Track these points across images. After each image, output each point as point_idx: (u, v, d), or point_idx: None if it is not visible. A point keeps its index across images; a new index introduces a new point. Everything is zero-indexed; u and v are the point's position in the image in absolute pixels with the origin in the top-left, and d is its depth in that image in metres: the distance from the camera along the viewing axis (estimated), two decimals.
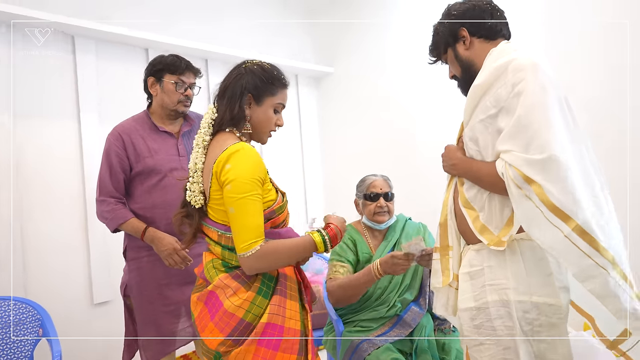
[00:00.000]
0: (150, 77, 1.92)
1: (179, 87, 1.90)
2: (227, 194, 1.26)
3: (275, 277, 1.36)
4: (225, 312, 1.27)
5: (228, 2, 3.56)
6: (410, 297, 2.01)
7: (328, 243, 1.35)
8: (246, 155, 1.29)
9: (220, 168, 1.28)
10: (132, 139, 1.86)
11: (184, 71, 1.91)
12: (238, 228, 1.26)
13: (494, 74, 1.26)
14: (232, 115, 1.36)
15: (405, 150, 3.53)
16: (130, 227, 1.84)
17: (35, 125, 2.54)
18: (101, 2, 2.86)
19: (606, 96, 2.48)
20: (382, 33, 3.68)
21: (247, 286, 1.31)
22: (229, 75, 1.42)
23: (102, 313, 2.69)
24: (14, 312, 2.05)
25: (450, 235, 1.40)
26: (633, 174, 2.32)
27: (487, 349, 1.29)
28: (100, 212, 1.89)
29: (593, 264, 1.11)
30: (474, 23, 1.38)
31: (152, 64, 1.93)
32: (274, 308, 1.29)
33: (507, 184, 1.19)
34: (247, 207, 1.25)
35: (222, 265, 1.35)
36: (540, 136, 1.15)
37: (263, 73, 1.39)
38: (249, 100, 1.38)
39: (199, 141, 1.39)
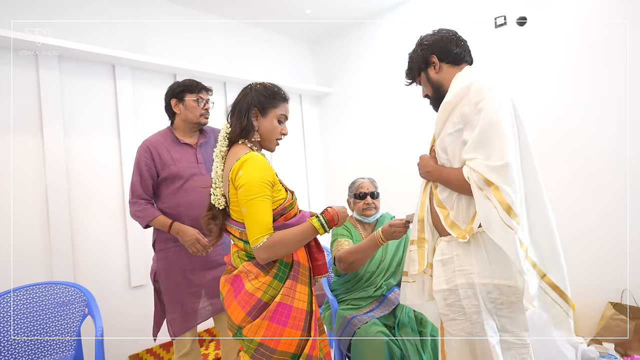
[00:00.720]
0: (172, 99, 1.95)
1: (200, 103, 1.94)
2: (240, 196, 1.28)
3: (290, 264, 1.36)
4: (246, 292, 1.30)
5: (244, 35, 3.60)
6: (394, 282, 2.03)
7: (325, 225, 1.35)
8: (254, 163, 1.30)
9: (234, 175, 1.30)
10: (158, 151, 1.90)
11: (201, 90, 1.96)
12: (249, 224, 1.29)
13: (459, 94, 1.28)
14: (241, 128, 1.38)
15: (392, 157, 3.55)
16: (158, 222, 1.86)
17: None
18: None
19: (606, 96, 2.39)
20: (373, 58, 3.71)
21: (266, 272, 1.32)
22: (238, 95, 1.44)
23: (138, 295, 2.72)
24: (63, 293, 2.07)
25: (426, 230, 1.41)
26: (633, 171, 2.28)
27: (458, 323, 1.31)
28: (133, 212, 1.90)
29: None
30: (443, 50, 1.40)
31: (172, 88, 1.96)
32: (286, 290, 1.31)
33: (472, 187, 1.21)
34: (256, 206, 1.27)
35: (246, 255, 1.37)
36: (498, 146, 1.18)
37: (265, 90, 1.41)
38: (256, 113, 1.40)
39: (217, 152, 1.41)
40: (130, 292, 2.70)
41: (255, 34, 3.69)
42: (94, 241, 2.57)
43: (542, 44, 2.68)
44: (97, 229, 2.59)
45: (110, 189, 2.67)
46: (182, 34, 3.16)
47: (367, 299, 1.97)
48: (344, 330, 1.87)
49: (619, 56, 2.38)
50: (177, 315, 1.88)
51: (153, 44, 2.96)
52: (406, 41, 3.38)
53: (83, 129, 2.58)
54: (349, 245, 1.97)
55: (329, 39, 4.06)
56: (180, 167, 1.90)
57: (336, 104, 4.06)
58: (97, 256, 2.57)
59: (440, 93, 1.40)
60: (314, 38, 4.13)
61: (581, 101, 2.54)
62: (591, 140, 2.50)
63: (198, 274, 1.91)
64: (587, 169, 2.52)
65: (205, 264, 1.92)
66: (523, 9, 2.74)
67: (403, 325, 1.87)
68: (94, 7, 2.71)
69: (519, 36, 2.77)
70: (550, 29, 2.65)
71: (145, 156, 1.89)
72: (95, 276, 2.54)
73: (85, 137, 2.59)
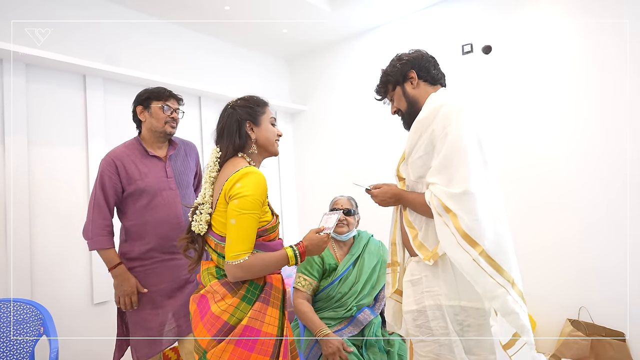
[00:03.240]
0: (138, 106, 1.82)
1: (165, 110, 1.80)
2: (232, 207, 1.22)
3: (261, 286, 1.29)
4: (212, 314, 1.22)
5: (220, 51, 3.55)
6: (366, 303, 1.98)
7: (298, 257, 1.31)
8: (255, 179, 1.25)
9: (231, 185, 1.24)
10: (124, 164, 1.75)
11: (168, 98, 1.84)
12: (234, 238, 1.22)
13: (432, 114, 1.27)
14: (234, 146, 1.34)
15: (365, 174, 3.54)
16: (105, 255, 1.72)
17: None
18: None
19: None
20: (347, 79, 3.73)
21: (234, 293, 1.25)
22: (221, 118, 1.39)
23: (100, 312, 2.55)
24: (17, 312, 1.91)
25: (398, 252, 1.39)
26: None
27: (427, 344, 1.28)
28: (86, 231, 1.74)
29: (494, 283, 1.11)
30: (422, 68, 1.40)
31: (138, 96, 1.84)
32: (255, 313, 1.23)
33: (433, 212, 1.19)
34: (246, 222, 1.22)
35: (216, 272, 1.30)
36: (460, 173, 1.16)
37: (248, 102, 1.39)
38: (250, 126, 1.36)
39: (207, 178, 1.35)
40: (93, 309, 2.53)
41: (232, 50, 3.66)
42: (54, 255, 2.40)
43: (506, 70, 2.77)
44: (59, 242, 2.43)
45: (75, 201, 2.51)
46: (158, 48, 3.08)
47: (336, 319, 1.92)
48: (312, 349, 1.81)
49: (580, 80, 2.47)
50: (142, 339, 1.73)
51: (127, 56, 2.87)
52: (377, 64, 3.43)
53: (49, 139, 2.44)
54: (305, 287, 1.94)
55: (305, 58, 4.07)
56: (148, 182, 1.75)
57: (310, 122, 4.05)
58: (57, 271, 2.40)
59: (415, 109, 1.38)
60: (290, 57, 4.13)
61: (542, 126, 2.62)
62: (551, 161, 2.58)
63: (164, 296, 1.76)
64: (545, 188, 2.59)
65: (172, 285, 1.78)
66: (489, 37, 2.83)
67: (371, 345, 1.83)
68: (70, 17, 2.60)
69: (485, 63, 2.86)
70: (514, 56, 2.74)
71: (110, 170, 1.73)
72: (55, 292, 2.37)
73: (50, 148, 2.45)
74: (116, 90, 2.77)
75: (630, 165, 2.29)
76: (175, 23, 3.19)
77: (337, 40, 3.76)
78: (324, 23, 3.36)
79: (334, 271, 1.98)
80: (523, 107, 2.69)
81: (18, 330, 1.89)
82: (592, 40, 2.43)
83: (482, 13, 2.88)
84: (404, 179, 1.39)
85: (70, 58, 2.43)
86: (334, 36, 3.67)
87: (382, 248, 2.12)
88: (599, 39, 2.41)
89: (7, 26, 2.33)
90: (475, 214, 1.13)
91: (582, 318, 2.45)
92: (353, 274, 1.98)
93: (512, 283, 1.14)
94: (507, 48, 2.76)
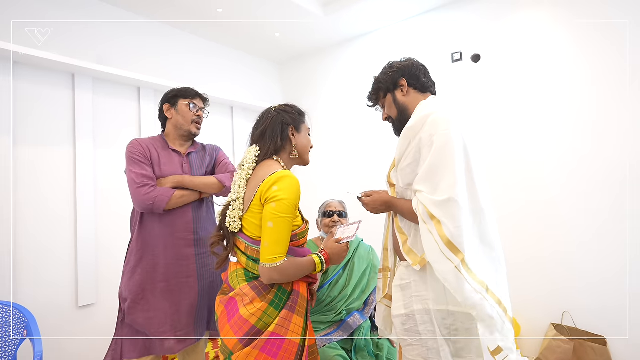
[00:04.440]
0: (165, 104, 1.83)
1: (192, 108, 1.82)
2: (270, 209, 1.22)
3: (288, 292, 1.29)
4: (240, 317, 1.23)
5: (212, 53, 3.53)
6: (356, 307, 1.98)
7: (324, 264, 1.33)
8: (292, 183, 1.27)
9: (267, 187, 1.25)
10: (149, 148, 1.75)
11: (195, 96, 1.85)
12: (271, 241, 1.22)
13: (421, 121, 1.28)
14: (276, 148, 1.37)
15: (359, 178, 3.55)
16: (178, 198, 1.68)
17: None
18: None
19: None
20: (337, 82, 3.74)
21: (262, 297, 1.25)
22: (263, 120, 1.41)
23: (85, 315, 2.48)
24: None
25: (390, 258, 1.39)
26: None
27: (415, 348, 1.28)
28: (147, 194, 1.63)
29: (471, 289, 1.12)
30: (412, 76, 1.41)
31: (166, 94, 1.85)
32: (281, 321, 1.23)
33: (419, 219, 1.20)
34: (283, 226, 1.23)
35: (245, 275, 1.31)
36: (445, 181, 1.17)
37: (293, 109, 1.44)
38: (292, 131, 1.40)
39: (243, 175, 1.36)
40: (77, 312, 2.46)
41: (224, 52, 3.63)
42: (40, 257, 2.34)
43: (495, 79, 2.80)
44: (45, 244, 2.37)
45: (62, 200, 2.46)
46: (149, 49, 3.04)
47: (326, 322, 1.91)
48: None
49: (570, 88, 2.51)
50: (134, 345, 1.64)
51: (118, 56, 2.82)
52: (367, 70, 3.46)
53: (36, 137, 2.38)
54: None
55: (296, 61, 4.07)
56: (164, 170, 1.73)
57: None
58: (42, 273, 2.34)
59: (405, 116, 1.39)
60: (282, 60, 4.13)
61: (531, 134, 2.66)
62: (538, 169, 2.61)
63: (172, 295, 1.68)
64: (532, 197, 2.62)
65: (182, 286, 1.69)
66: (478, 46, 2.87)
67: (360, 349, 1.82)
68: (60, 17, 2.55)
69: (474, 71, 2.89)
70: (503, 65, 2.77)
71: (139, 149, 1.72)
72: (39, 295, 2.30)
73: (37, 147, 2.39)
74: (106, 90, 2.72)
75: (629, 174, 2.30)
76: (167, 24, 3.16)
77: (329, 45, 3.77)
78: (316, 28, 3.37)
79: (324, 275, 1.97)
80: (512, 115, 2.72)
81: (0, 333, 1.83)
82: (582, 49, 2.48)
83: (471, 22, 2.91)
84: (394, 185, 1.40)
85: (59, 57, 2.38)
86: (326, 41, 3.68)
87: (372, 253, 2.13)
88: (588, 46, 2.45)
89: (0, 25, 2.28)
90: (458, 221, 1.14)
91: (565, 323, 2.48)
92: (343, 278, 1.98)
93: (486, 288, 1.15)
94: (496, 57, 2.79)
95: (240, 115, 3.68)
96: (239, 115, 3.66)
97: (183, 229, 1.70)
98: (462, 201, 1.15)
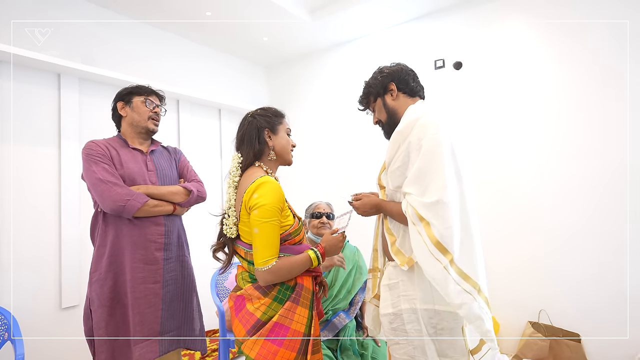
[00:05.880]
0: (119, 102, 1.75)
1: (148, 105, 1.74)
2: (254, 217, 1.27)
3: (292, 287, 1.33)
4: (247, 311, 1.30)
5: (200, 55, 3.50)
6: (342, 307, 1.98)
7: (320, 258, 1.35)
8: (271, 187, 1.29)
9: (249, 197, 1.29)
10: (108, 148, 1.66)
11: (150, 93, 1.78)
12: (259, 246, 1.26)
13: (409, 125, 1.29)
14: (254, 152, 1.39)
15: (344, 180, 3.56)
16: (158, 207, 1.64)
17: None
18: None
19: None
20: (323, 87, 3.75)
21: (266, 295, 1.31)
22: (241, 126, 1.44)
23: (69, 317, 2.42)
24: None
25: (379, 258, 1.40)
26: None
27: (402, 347, 1.29)
28: (119, 195, 1.55)
29: (460, 289, 1.13)
30: (401, 80, 1.43)
31: (119, 93, 1.76)
32: (285, 312, 1.28)
33: (408, 220, 1.21)
34: (268, 230, 1.26)
35: (249, 277, 1.37)
36: (433, 184, 1.18)
37: (267, 112, 1.45)
38: (268, 134, 1.41)
39: (230, 182, 1.40)
40: (61, 313, 2.40)
41: (212, 55, 3.60)
42: (23, 257, 2.27)
43: (476, 85, 2.86)
44: (28, 244, 2.30)
45: (46, 201, 2.39)
46: (137, 50, 2.99)
47: None
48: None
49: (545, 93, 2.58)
50: (106, 355, 1.58)
51: (105, 56, 2.77)
52: (352, 75, 3.49)
53: (19, 138, 2.32)
54: None
55: (283, 66, 4.07)
56: (128, 171, 1.64)
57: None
58: (25, 274, 2.27)
59: (394, 120, 1.41)
60: (269, 64, 4.12)
61: (511, 139, 2.73)
62: (519, 173, 2.68)
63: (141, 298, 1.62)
64: (512, 200, 2.68)
65: (152, 288, 1.64)
66: (460, 53, 2.93)
67: (345, 348, 1.83)
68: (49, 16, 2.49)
69: (456, 78, 2.95)
70: (484, 72, 2.83)
71: (97, 150, 1.61)
72: (22, 296, 2.23)
73: (21, 147, 2.32)
74: (92, 90, 2.67)
75: (609, 179, 2.37)
76: (155, 26, 3.12)
77: (315, 50, 3.78)
78: (303, 33, 3.38)
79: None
80: (494, 121, 2.79)
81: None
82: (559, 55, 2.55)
83: (454, 30, 2.97)
84: (384, 187, 1.41)
85: (45, 56, 2.32)
86: (313, 46, 3.69)
87: (358, 253, 2.14)
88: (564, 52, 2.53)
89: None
90: (447, 222, 1.15)
91: (542, 320, 2.54)
92: (329, 278, 1.98)
93: (478, 290, 1.16)
94: (478, 64, 2.86)
95: (227, 118, 3.66)
96: (226, 118, 3.64)
97: (154, 232, 1.65)
98: (451, 203, 1.16)
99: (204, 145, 3.43)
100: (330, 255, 1.41)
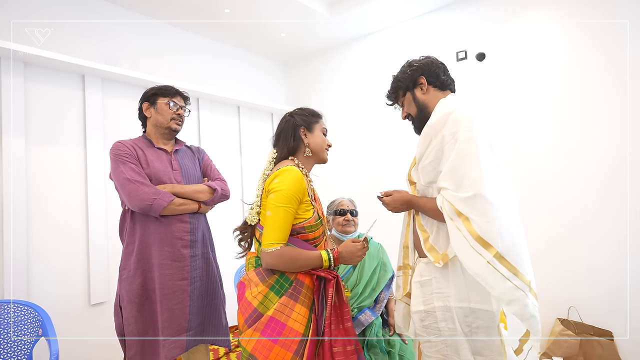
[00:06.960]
0: (144, 103, 1.77)
1: (172, 106, 1.76)
2: (270, 200, 1.30)
3: (291, 280, 1.31)
4: (245, 299, 1.30)
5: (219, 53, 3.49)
6: (367, 304, 1.95)
7: (332, 260, 1.33)
8: (290, 175, 1.31)
9: (270, 181, 1.34)
10: (134, 148, 1.68)
11: (175, 95, 1.79)
12: (269, 228, 1.28)
13: (442, 119, 1.25)
14: (289, 148, 1.43)
15: (362, 177, 3.52)
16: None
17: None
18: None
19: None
20: (342, 82, 3.71)
21: (264, 282, 1.30)
22: (279, 125, 1.49)
23: (97, 313, 2.46)
24: (14, 313, 1.83)
25: (410, 256, 1.37)
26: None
27: (434, 345, 1.26)
28: (145, 193, 1.57)
29: (512, 286, 1.08)
30: (431, 74, 1.38)
31: (145, 93, 1.78)
32: (281, 307, 1.25)
33: (445, 216, 1.17)
34: (281, 214, 1.27)
35: (255, 262, 1.38)
36: (468, 177, 1.13)
37: (305, 111, 1.49)
38: (304, 131, 1.45)
39: (261, 175, 1.44)
40: (90, 310, 2.44)
41: (230, 52, 3.60)
42: (52, 255, 2.31)
43: (499, 77, 2.78)
44: (57, 243, 2.34)
45: (73, 199, 2.43)
46: (157, 49, 3.01)
47: None
48: None
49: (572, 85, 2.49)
50: (136, 350, 1.61)
51: (126, 56, 2.79)
52: (372, 69, 3.43)
53: (47, 138, 2.35)
54: None
55: (302, 61, 4.03)
56: (154, 170, 1.66)
57: None
58: (54, 271, 2.31)
59: (425, 114, 1.37)
60: (287, 60, 4.10)
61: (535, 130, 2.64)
62: (544, 164, 2.59)
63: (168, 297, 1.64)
64: (537, 190, 2.59)
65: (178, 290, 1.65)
66: (483, 45, 2.84)
67: (372, 345, 1.80)
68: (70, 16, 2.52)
69: (479, 70, 2.87)
70: (508, 63, 2.74)
71: (125, 150, 1.64)
72: (52, 293, 2.28)
73: (48, 147, 2.36)
74: (114, 90, 2.69)
75: (629, 167, 2.29)
76: (174, 25, 3.12)
77: (334, 45, 3.74)
78: (321, 28, 3.34)
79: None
80: (517, 112, 2.70)
81: (16, 332, 1.81)
82: (583, 47, 2.45)
83: (476, 21, 2.88)
84: (415, 183, 1.37)
85: (69, 57, 2.35)
86: (331, 41, 3.65)
87: (382, 250, 2.10)
88: (590, 45, 2.43)
89: (6, 25, 2.25)
90: (487, 216, 1.10)
91: (572, 317, 2.46)
92: (354, 276, 1.95)
93: (529, 286, 1.11)
94: (501, 55, 2.77)
95: (247, 115, 3.65)
96: (245, 115, 3.63)
97: (180, 229, 1.67)
98: (490, 196, 1.11)
99: (223, 142, 3.44)
100: (345, 262, 1.37)
